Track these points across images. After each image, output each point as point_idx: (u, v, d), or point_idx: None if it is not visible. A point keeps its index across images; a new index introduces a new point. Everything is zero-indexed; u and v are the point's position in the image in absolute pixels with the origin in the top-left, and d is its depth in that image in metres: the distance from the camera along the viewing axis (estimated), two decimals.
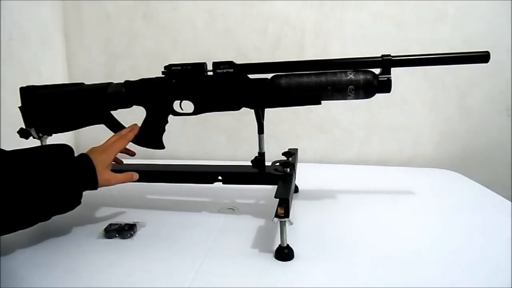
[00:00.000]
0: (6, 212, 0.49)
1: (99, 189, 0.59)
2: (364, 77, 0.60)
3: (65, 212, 0.56)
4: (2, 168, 0.50)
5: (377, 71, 0.62)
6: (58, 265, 0.54)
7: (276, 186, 0.60)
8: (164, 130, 0.70)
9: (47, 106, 0.69)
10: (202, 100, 0.67)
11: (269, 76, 0.65)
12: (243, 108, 0.67)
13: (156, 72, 0.68)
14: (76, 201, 0.57)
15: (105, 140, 0.64)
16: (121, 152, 0.66)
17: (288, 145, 0.82)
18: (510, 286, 0.46)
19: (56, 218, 0.54)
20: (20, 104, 0.69)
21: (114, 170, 0.62)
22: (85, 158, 0.58)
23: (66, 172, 0.54)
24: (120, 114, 0.70)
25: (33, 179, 0.51)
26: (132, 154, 0.71)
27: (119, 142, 0.64)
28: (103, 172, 0.59)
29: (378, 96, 0.62)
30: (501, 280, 0.48)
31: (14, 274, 0.51)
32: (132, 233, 0.63)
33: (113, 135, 0.66)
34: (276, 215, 0.53)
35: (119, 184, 0.62)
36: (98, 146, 0.62)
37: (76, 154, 0.59)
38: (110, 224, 0.65)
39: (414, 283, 0.48)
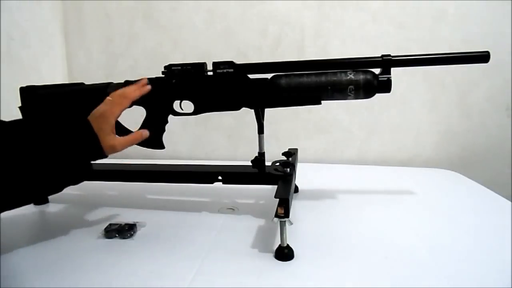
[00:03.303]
0: (12, 183, 0.47)
1: (99, 189, 0.58)
2: (364, 77, 0.60)
3: (78, 183, 0.54)
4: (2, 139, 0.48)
5: (377, 71, 0.62)
6: (58, 265, 0.54)
7: (276, 186, 0.60)
8: (164, 130, 0.70)
9: (47, 106, 0.69)
10: (202, 100, 0.67)
11: (269, 76, 0.65)
12: (243, 108, 0.67)
13: (156, 72, 0.68)
14: (84, 172, 0.54)
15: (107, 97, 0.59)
16: None
17: (288, 145, 0.82)
18: (510, 286, 0.46)
19: (56, 218, 0.55)
20: (20, 104, 0.69)
21: (115, 171, 0.60)
22: (85, 126, 0.53)
23: (68, 142, 0.51)
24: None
25: (35, 149, 0.49)
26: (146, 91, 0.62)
27: (120, 104, 0.58)
28: (105, 139, 0.54)
29: (378, 96, 0.62)
30: (501, 280, 0.48)
31: (14, 274, 0.51)
32: (132, 233, 0.63)
33: (114, 93, 0.59)
34: (276, 215, 0.53)
35: (119, 184, 0.61)
36: (96, 110, 0.56)
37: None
38: (110, 224, 0.65)
39: (414, 283, 0.48)
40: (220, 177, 0.71)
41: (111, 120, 0.55)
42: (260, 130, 0.67)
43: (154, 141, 0.70)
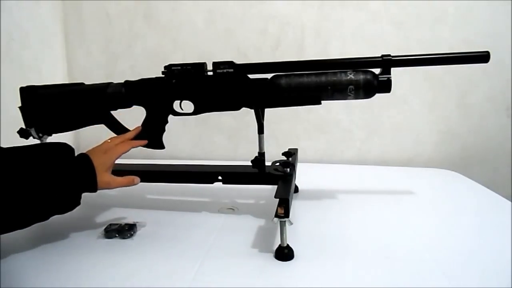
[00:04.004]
0: (1, 211, 0.47)
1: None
2: (364, 77, 0.60)
3: (64, 213, 0.55)
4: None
5: (377, 71, 0.62)
6: (58, 265, 0.54)
7: (276, 186, 0.60)
8: (164, 130, 0.70)
9: (47, 106, 0.69)
10: (202, 100, 0.67)
11: (269, 76, 0.65)
12: (243, 108, 0.67)
13: (156, 72, 0.68)
14: (74, 203, 0.55)
15: (106, 139, 0.63)
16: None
17: (288, 145, 0.82)
18: (510, 286, 0.46)
19: (56, 218, 0.54)
20: (20, 104, 0.69)
21: (114, 171, 0.61)
22: (85, 159, 0.56)
23: (64, 173, 0.53)
24: (120, 114, 0.70)
25: (30, 178, 0.50)
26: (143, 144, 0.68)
27: (123, 146, 0.62)
28: (103, 174, 0.57)
29: (378, 96, 0.62)
30: (501, 280, 0.48)
31: (14, 275, 0.51)
32: (132, 233, 0.63)
33: (117, 137, 0.64)
34: (276, 215, 0.53)
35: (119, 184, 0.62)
36: (100, 146, 0.60)
37: (76, 154, 0.58)
38: (110, 224, 0.65)
39: (414, 283, 0.48)
40: (220, 177, 0.71)
41: (113, 158, 0.60)
42: (260, 130, 0.67)
43: (154, 141, 0.70)
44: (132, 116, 0.70)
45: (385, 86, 0.61)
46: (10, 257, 0.56)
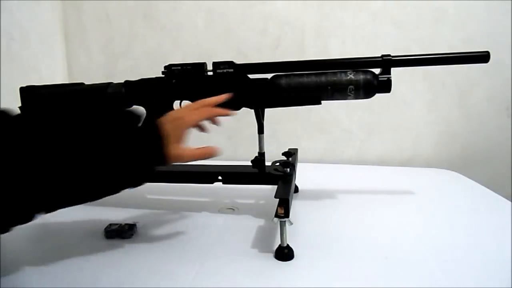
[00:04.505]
0: (63, 181, 0.42)
1: None
2: (364, 77, 0.60)
3: (137, 186, 0.49)
4: (61, 132, 0.44)
5: (377, 71, 0.62)
6: (58, 265, 0.54)
7: (276, 186, 0.60)
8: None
9: (47, 106, 0.69)
10: None
11: (269, 76, 0.65)
12: (243, 108, 0.67)
13: (156, 72, 0.68)
14: (145, 176, 0.49)
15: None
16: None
17: (288, 145, 0.82)
18: (510, 286, 0.46)
19: (56, 218, 0.54)
20: (20, 104, 0.69)
21: None
22: (151, 128, 0.48)
23: (128, 144, 0.46)
24: None
25: (94, 149, 0.44)
26: (227, 114, 0.57)
27: (198, 113, 0.53)
28: (172, 146, 0.49)
29: (378, 96, 0.62)
30: (501, 280, 0.48)
31: (14, 274, 0.51)
32: (132, 233, 0.63)
33: (196, 102, 0.55)
34: (276, 215, 0.53)
35: None
36: (173, 113, 0.52)
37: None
38: (110, 224, 0.64)
39: (414, 283, 0.48)
40: (220, 177, 0.71)
41: (183, 127, 0.51)
42: (260, 130, 0.67)
43: None
44: None
45: (385, 86, 0.61)
46: (10, 257, 0.56)
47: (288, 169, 0.67)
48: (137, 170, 0.48)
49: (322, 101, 0.63)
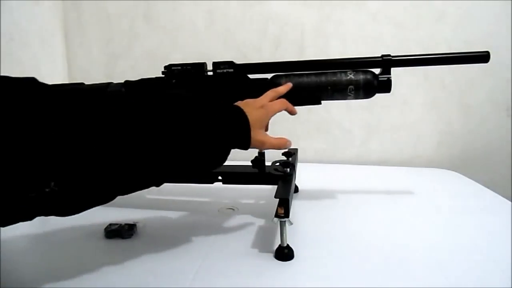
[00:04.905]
0: (149, 158, 0.42)
1: None
2: (364, 77, 0.60)
3: (211, 169, 0.50)
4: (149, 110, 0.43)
5: (377, 71, 0.62)
6: (58, 265, 0.54)
7: (276, 186, 0.60)
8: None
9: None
10: None
11: (269, 76, 0.65)
12: None
13: (156, 72, 0.68)
14: (222, 159, 0.49)
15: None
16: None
17: None
18: (510, 286, 0.46)
19: (56, 218, 0.54)
20: None
21: None
22: (239, 112, 0.50)
23: (218, 125, 0.47)
24: None
25: (181, 127, 0.44)
26: (294, 112, 0.60)
27: (280, 104, 0.56)
28: (257, 131, 0.51)
29: (378, 96, 0.62)
30: (501, 280, 0.48)
31: (14, 274, 0.51)
32: (132, 233, 0.63)
33: (271, 90, 0.58)
34: (276, 215, 0.53)
35: None
36: (254, 101, 0.54)
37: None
38: (110, 224, 0.64)
39: (414, 283, 0.48)
40: (220, 177, 0.71)
41: (270, 115, 0.55)
42: None
43: None
44: None
45: (385, 86, 0.61)
46: (10, 256, 0.56)
47: (288, 169, 0.67)
48: (224, 149, 0.48)
49: (322, 101, 0.63)
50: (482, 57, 0.59)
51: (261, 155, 0.69)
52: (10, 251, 0.57)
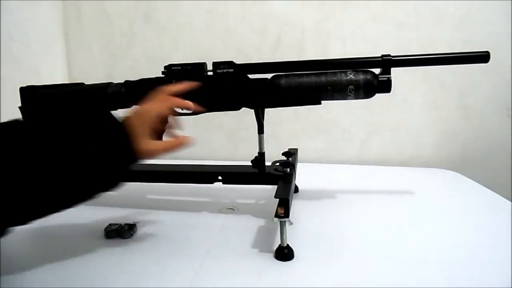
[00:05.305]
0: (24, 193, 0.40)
1: None
2: (364, 77, 0.60)
3: (110, 191, 0.47)
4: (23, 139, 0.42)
5: (377, 71, 0.62)
6: (58, 265, 0.54)
7: (276, 186, 0.60)
8: (164, 130, 0.70)
9: (47, 106, 0.69)
10: (202, 100, 0.67)
11: (269, 76, 0.65)
12: (243, 108, 0.67)
13: (156, 72, 0.68)
14: (119, 177, 0.46)
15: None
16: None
17: (288, 145, 0.82)
18: (510, 286, 0.46)
19: (56, 218, 0.54)
20: (20, 104, 0.69)
21: None
22: (117, 127, 0.46)
23: (95, 146, 0.44)
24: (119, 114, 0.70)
25: (62, 154, 0.42)
26: (190, 107, 0.54)
27: (161, 102, 0.51)
28: (142, 141, 0.46)
29: (378, 96, 0.62)
30: (501, 280, 0.48)
31: (14, 274, 0.51)
32: (132, 233, 0.63)
33: (156, 91, 0.54)
34: (276, 215, 0.53)
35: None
36: (139, 106, 0.50)
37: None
38: (110, 224, 0.64)
39: (414, 283, 0.48)
40: (220, 177, 0.71)
41: (149, 119, 0.48)
42: (260, 130, 0.67)
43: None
44: None
45: (385, 86, 0.61)
46: (10, 257, 0.56)
47: (288, 169, 0.67)
48: (110, 171, 0.46)
49: (322, 101, 0.63)
50: (482, 57, 0.59)
51: (261, 155, 0.69)
52: (10, 251, 0.57)
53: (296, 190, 0.82)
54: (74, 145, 0.43)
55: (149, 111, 0.49)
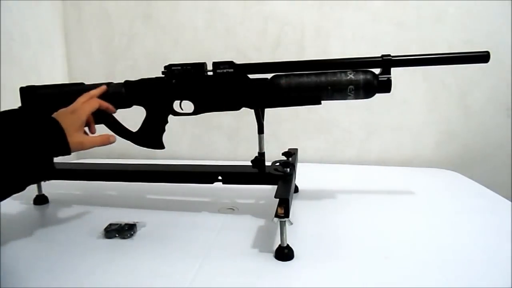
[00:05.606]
0: None
1: (99, 189, 0.58)
2: (364, 77, 0.60)
3: (39, 181, 0.53)
4: None
5: (377, 71, 0.62)
6: (58, 265, 0.54)
7: (276, 186, 0.60)
8: (164, 130, 0.70)
9: (47, 106, 0.69)
10: (202, 100, 0.67)
11: (269, 76, 0.65)
12: (243, 108, 0.67)
13: (156, 72, 0.68)
14: (47, 168, 0.52)
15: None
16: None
17: (288, 145, 0.82)
18: (510, 286, 0.46)
19: (56, 218, 0.54)
20: (20, 104, 0.69)
21: (117, 171, 0.60)
22: (52, 122, 0.54)
23: (33, 138, 0.50)
24: (120, 114, 0.70)
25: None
26: (111, 110, 0.65)
27: (90, 104, 0.60)
28: (74, 135, 0.55)
29: (378, 96, 0.62)
30: (501, 280, 0.48)
31: (14, 274, 0.51)
32: (132, 233, 0.63)
33: (82, 96, 0.62)
34: (276, 215, 0.53)
35: (119, 184, 0.61)
36: (66, 108, 0.58)
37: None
38: (110, 224, 0.64)
39: (414, 283, 0.48)
40: (220, 177, 0.71)
41: (82, 117, 0.58)
42: (260, 130, 0.67)
43: (154, 141, 0.70)
44: (132, 116, 0.70)
45: (385, 86, 0.61)
46: (10, 257, 0.56)
47: (288, 169, 0.66)
48: (44, 161, 0.51)
49: (322, 101, 0.63)
50: (482, 57, 0.59)
51: (261, 155, 0.69)
52: (10, 251, 0.57)
53: (296, 190, 0.82)
54: (17, 143, 0.48)
55: (83, 112, 0.58)
